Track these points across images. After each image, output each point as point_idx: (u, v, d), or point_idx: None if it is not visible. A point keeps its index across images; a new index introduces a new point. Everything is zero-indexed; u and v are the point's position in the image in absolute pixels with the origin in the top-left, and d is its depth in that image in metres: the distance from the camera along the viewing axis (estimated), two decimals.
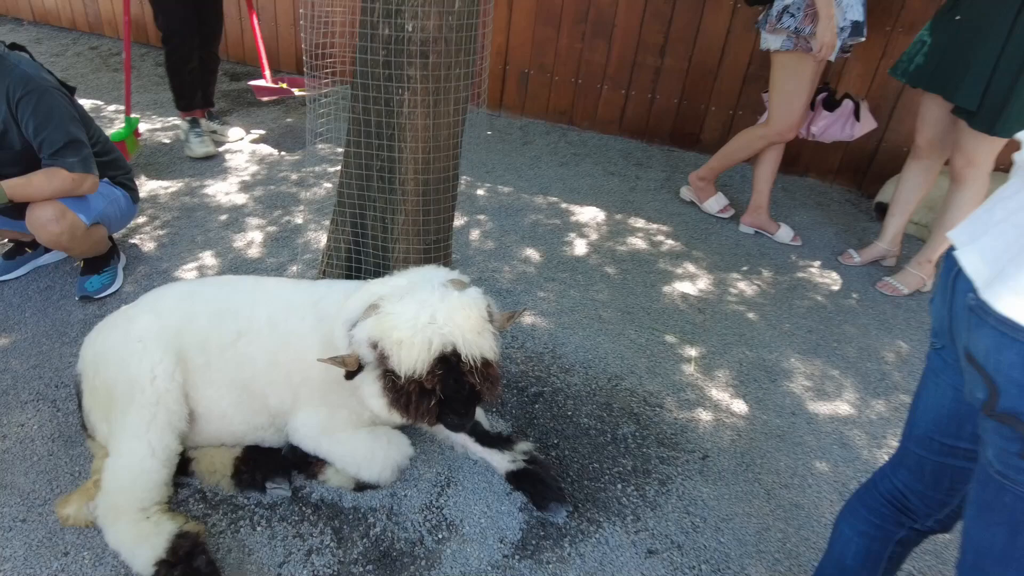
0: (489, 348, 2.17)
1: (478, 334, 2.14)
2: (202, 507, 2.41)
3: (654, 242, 4.47)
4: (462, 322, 2.12)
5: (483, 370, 2.16)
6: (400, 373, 2.08)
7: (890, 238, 4.41)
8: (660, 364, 3.33)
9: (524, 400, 3.00)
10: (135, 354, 2.39)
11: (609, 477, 2.68)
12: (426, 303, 2.14)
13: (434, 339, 2.07)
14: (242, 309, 2.53)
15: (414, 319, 2.09)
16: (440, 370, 2.08)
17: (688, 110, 6.02)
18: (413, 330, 2.07)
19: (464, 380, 2.12)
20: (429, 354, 2.06)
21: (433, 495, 2.53)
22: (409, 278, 2.26)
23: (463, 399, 2.14)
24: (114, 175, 3.47)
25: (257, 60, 5.70)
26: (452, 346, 2.09)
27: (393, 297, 2.17)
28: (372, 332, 2.12)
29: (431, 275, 2.27)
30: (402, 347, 2.06)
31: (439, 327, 2.09)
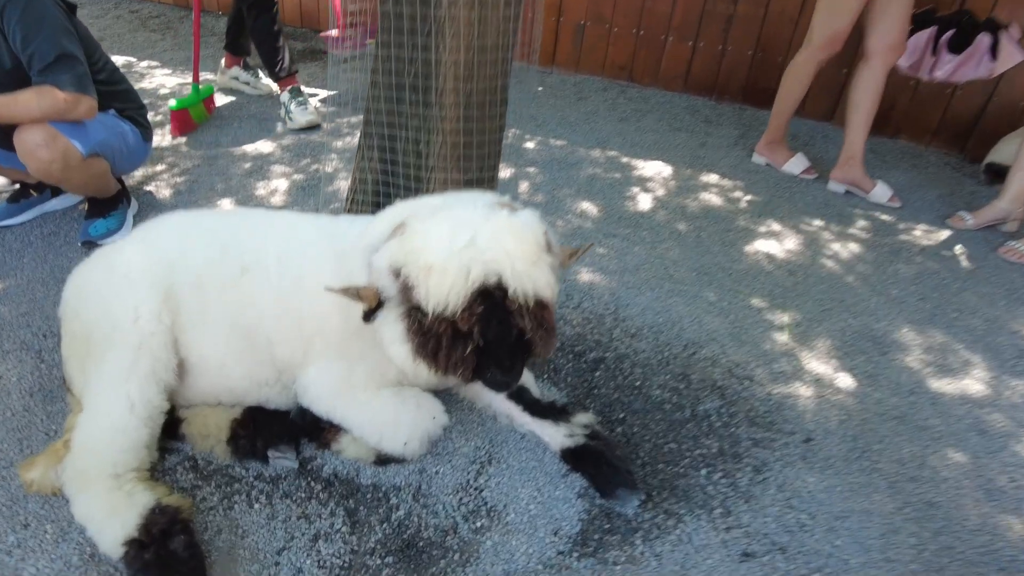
0: (545, 284, 1.67)
1: (532, 265, 1.64)
2: (191, 477, 1.99)
3: (730, 199, 3.89)
4: (511, 248, 1.63)
5: (536, 312, 1.66)
6: (428, 309, 1.60)
7: (1011, 197, 3.72)
8: (746, 331, 2.77)
9: (582, 367, 2.49)
10: (117, 290, 1.98)
11: (690, 461, 2.15)
12: (465, 221, 1.66)
13: (473, 266, 1.59)
14: (249, 243, 2.09)
15: (449, 240, 1.62)
16: (480, 307, 1.60)
17: (764, 62, 5.37)
18: (447, 253, 1.59)
19: (511, 323, 1.63)
20: (466, 285, 1.58)
21: (471, 474, 2.05)
22: (446, 198, 1.78)
23: (509, 348, 1.65)
24: (121, 107, 3.08)
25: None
26: (497, 277, 1.60)
27: (424, 215, 1.70)
28: (395, 256, 1.65)
29: (474, 196, 1.79)
30: (431, 274, 1.58)
31: (480, 251, 1.60)
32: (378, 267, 1.71)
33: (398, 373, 2.06)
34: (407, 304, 1.67)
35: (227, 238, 2.11)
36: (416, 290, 1.62)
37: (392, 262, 1.67)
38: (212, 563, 1.75)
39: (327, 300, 1.98)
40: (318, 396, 2.03)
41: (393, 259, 1.67)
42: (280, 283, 2.02)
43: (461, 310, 1.61)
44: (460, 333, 1.64)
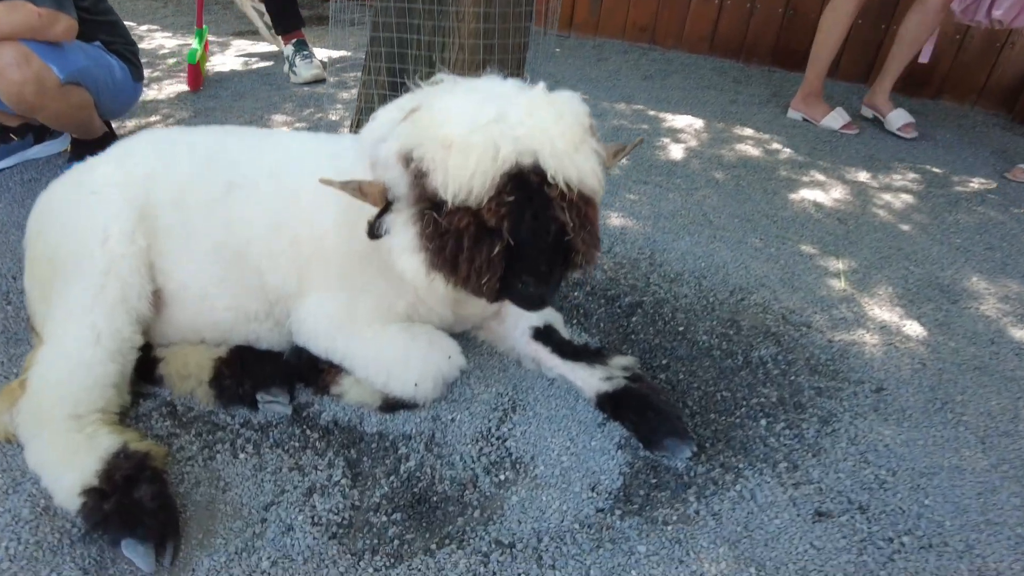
0: (591, 172, 1.38)
1: (575, 148, 1.35)
2: (168, 425, 1.71)
3: (768, 151, 3.58)
4: (551, 125, 1.34)
5: (580, 206, 1.37)
6: (446, 198, 1.31)
7: None
8: (798, 277, 2.46)
9: (615, 312, 2.20)
10: (85, 208, 1.71)
11: (746, 410, 1.85)
12: (494, 94, 1.37)
13: (503, 143, 1.30)
14: (238, 156, 1.82)
15: (474, 113, 1.33)
16: (511, 195, 1.31)
17: (796, 22, 5.04)
18: (471, 127, 1.30)
19: (549, 215, 1.33)
20: (494, 165, 1.29)
21: (492, 421, 1.76)
22: (470, 79, 1.48)
23: (546, 248, 1.36)
24: (109, 41, 2.82)
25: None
26: (532, 158, 1.32)
27: (442, 92, 1.41)
28: (407, 137, 1.37)
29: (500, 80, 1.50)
30: (451, 153, 1.30)
31: (512, 127, 1.32)
32: (385, 156, 1.42)
33: (408, 307, 1.78)
34: (420, 201, 1.38)
35: (214, 151, 1.83)
36: (432, 176, 1.33)
37: (403, 145, 1.38)
38: (187, 518, 1.48)
39: (326, 217, 1.71)
40: (315, 331, 1.75)
41: (404, 142, 1.38)
42: (273, 199, 1.74)
43: (487, 198, 1.32)
44: (485, 229, 1.34)
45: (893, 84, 4.10)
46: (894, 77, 4.02)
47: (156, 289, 1.75)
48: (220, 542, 1.43)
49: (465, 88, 1.42)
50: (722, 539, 1.50)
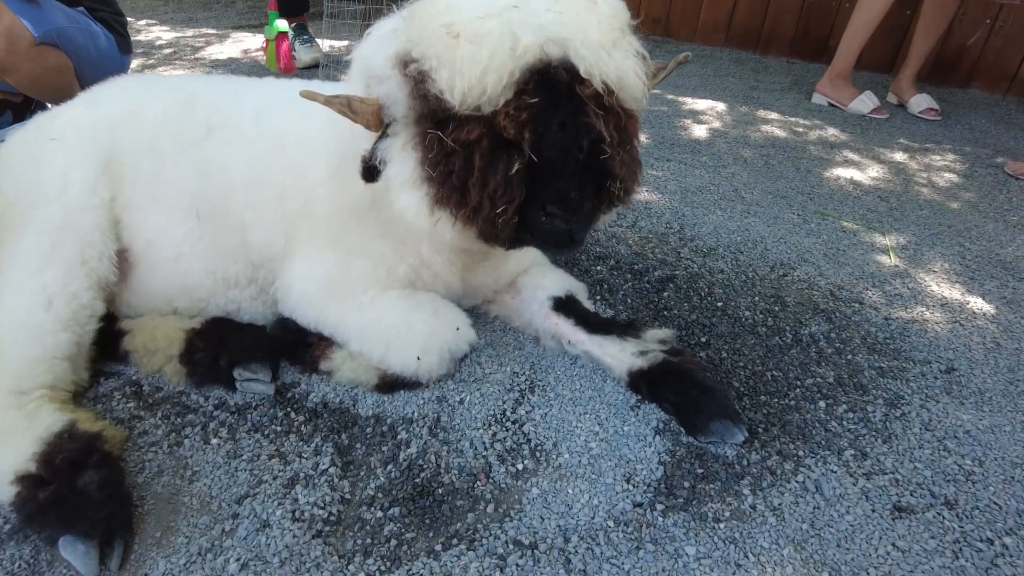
0: (633, 72, 1.14)
1: (613, 43, 1.12)
2: (131, 407, 1.47)
3: (796, 132, 3.35)
4: (582, 12, 1.11)
5: (620, 114, 1.14)
6: (453, 99, 1.07)
7: None
8: (843, 252, 2.22)
9: (644, 287, 1.95)
10: (43, 156, 1.49)
11: (801, 391, 1.60)
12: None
13: (523, 30, 1.06)
14: (219, 98, 1.60)
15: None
16: (534, 96, 1.07)
17: (815, 9, 4.84)
18: (484, 12, 1.07)
19: (582, 122, 1.09)
20: (512, 57, 1.05)
21: (507, 403, 1.51)
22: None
23: (577, 167, 1.11)
24: (92, 7, 2.62)
25: None
26: (562, 49, 1.08)
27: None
28: (405, 35, 1.14)
29: None
30: (459, 44, 1.06)
31: (534, 13, 1.08)
32: (379, 64, 1.18)
33: (410, 271, 1.54)
34: (423, 120, 1.14)
35: (193, 94, 1.61)
36: (436, 75, 1.09)
37: (400, 46, 1.15)
38: (144, 513, 1.23)
39: (316, 166, 1.48)
40: (304, 297, 1.52)
41: (403, 42, 1.14)
42: (257, 144, 1.52)
43: (503, 101, 1.08)
44: (501, 142, 1.10)
45: (918, 71, 3.91)
46: (919, 62, 3.84)
47: (122, 249, 1.52)
48: (181, 541, 1.18)
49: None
50: (786, 539, 1.24)
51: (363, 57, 1.24)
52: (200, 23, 5.30)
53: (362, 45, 1.27)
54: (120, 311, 1.58)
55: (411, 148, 1.17)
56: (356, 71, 1.28)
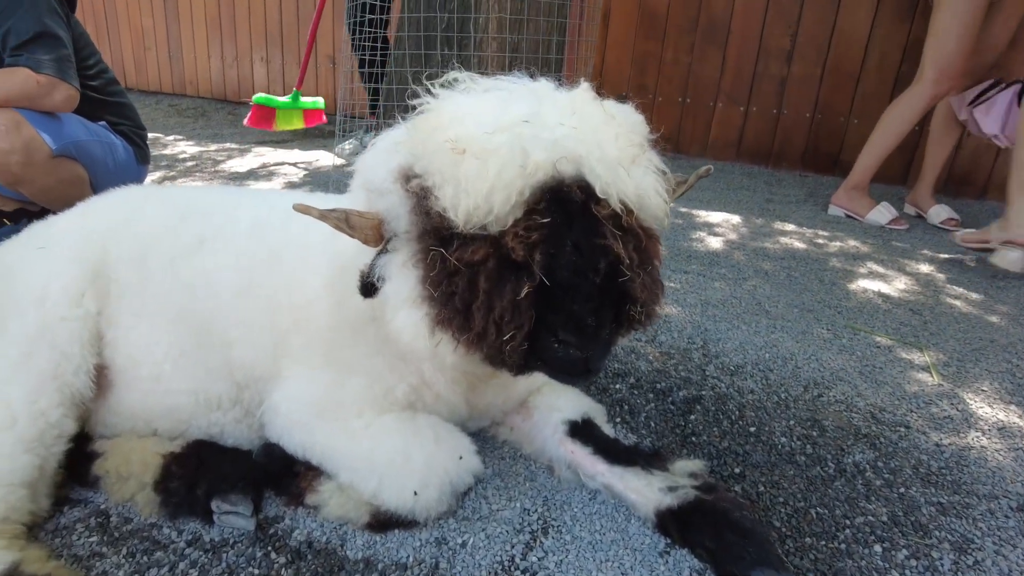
0: (654, 190, 1.07)
1: (631, 159, 1.05)
2: (93, 541, 1.31)
3: (816, 244, 3.28)
4: (599, 127, 1.04)
5: (639, 235, 1.05)
6: (458, 218, 0.99)
7: None
8: (880, 370, 2.06)
9: (668, 408, 1.80)
10: (28, 264, 1.42)
11: (852, 532, 1.40)
12: (524, 91, 1.09)
13: (534, 145, 0.99)
14: (215, 210, 1.55)
15: (495, 110, 1.04)
16: (546, 216, 0.98)
17: (824, 125, 4.95)
18: (492, 126, 1.00)
19: (598, 244, 1.00)
20: (522, 174, 0.98)
21: (517, 547, 1.32)
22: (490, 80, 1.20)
23: (593, 291, 1.01)
24: (116, 121, 2.69)
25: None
26: (576, 167, 1.00)
27: (455, 92, 1.13)
28: (408, 149, 1.07)
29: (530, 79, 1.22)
30: (464, 160, 0.99)
31: (548, 128, 1.01)
32: (381, 177, 1.12)
33: (410, 391, 1.41)
34: (425, 236, 1.06)
35: (188, 205, 1.57)
36: (439, 192, 1.01)
37: (403, 160, 1.08)
38: None
39: (312, 281, 1.39)
40: (292, 421, 1.38)
41: (405, 156, 1.08)
42: (249, 256, 1.44)
43: (512, 220, 0.99)
44: (509, 264, 1.01)
45: (935, 182, 3.92)
46: (935, 173, 3.86)
47: (102, 365, 1.41)
48: None
49: (485, 86, 1.14)
50: None
51: (365, 169, 1.18)
52: (224, 138, 5.51)
53: (365, 156, 1.21)
54: (96, 431, 1.45)
55: (412, 265, 1.07)
56: (358, 183, 1.22)
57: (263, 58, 7.08)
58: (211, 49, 7.29)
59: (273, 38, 6.93)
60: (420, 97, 1.12)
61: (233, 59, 7.20)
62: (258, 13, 6.91)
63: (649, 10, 5.26)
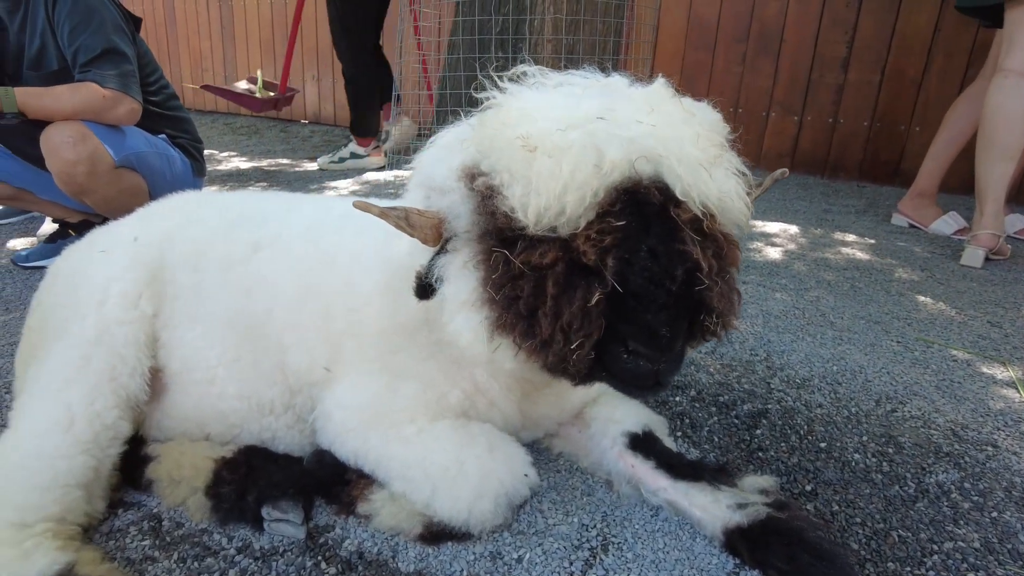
0: (737, 195, 1.00)
1: (712, 161, 0.99)
2: (146, 545, 1.29)
3: (880, 254, 3.13)
4: (678, 126, 0.99)
5: (720, 241, 0.99)
6: (527, 218, 0.94)
7: None
8: (959, 385, 1.93)
9: (732, 422, 1.71)
10: (89, 266, 1.44)
11: (941, 559, 1.29)
12: (598, 87, 1.04)
13: (610, 144, 0.94)
14: (272, 215, 1.54)
15: (567, 107, 0.99)
16: (622, 218, 0.93)
17: (883, 133, 4.77)
18: (566, 123, 0.96)
19: (677, 250, 0.94)
20: (597, 174, 0.93)
21: (576, 564, 1.26)
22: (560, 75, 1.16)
23: (669, 300, 0.95)
24: (175, 135, 2.75)
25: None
26: (654, 167, 0.95)
27: (523, 88, 1.09)
28: (473, 147, 1.03)
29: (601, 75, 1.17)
30: (536, 159, 0.94)
31: (624, 126, 0.96)
32: (443, 177, 1.08)
33: (463, 398, 1.37)
34: (487, 236, 1.02)
35: (245, 211, 1.57)
36: (507, 191, 0.96)
37: (467, 158, 1.04)
38: None
39: (366, 284, 1.36)
40: (344, 427, 1.35)
41: (470, 152, 1.04)
42: (304, 261, 1.42)
43: (585, 223, 0.94)
44: (580, 268, 0.95)
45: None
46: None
47: (157, 368, 1.41)
48: None
49: (555, 81, 1.10)
50: None
51: (424, 167, 1.15)
52: (277, 154, 5.63)
53: (424, 154, 1.18)
54: (150, 434, 1.45)
55: (472, 267, 1.03)
56: (416, 181, 1.19)
57: (314, 77, 7.26)
58: (264, 70, 7.51)
59: (324, 57, 7.10)
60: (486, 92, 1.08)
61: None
62: (310, 35, 7.09)
63: (699, 21, 5.18)
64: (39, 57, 2.38)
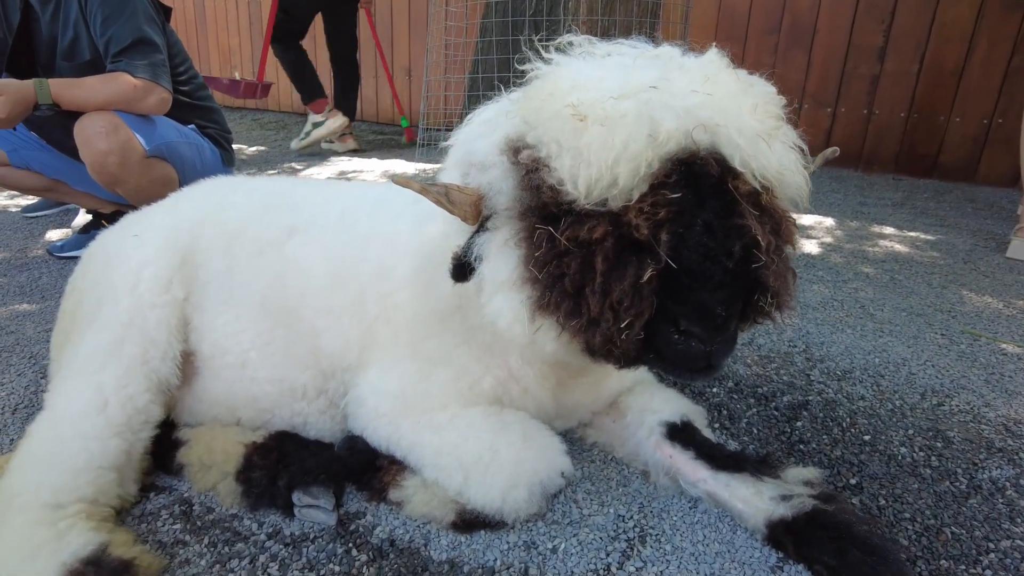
0: (796, 169, 0.96)
1: (770, 134, 0.95)
2: (177, 529, 1.28)
3: (919, 246, 3.04)
4: (736, 96, 0.94)
5: (778, 216, 0.95)
6: (577, 191, 0.91)
7: None
8: (1010, 379, 1.85)
9: (772, 414, 1.66)
10: (123, 251, 1.44)
11: (998, 558, 1.23)
12: (646, 58, 1.01)
13: (664, 113, 0.90)
14: (305, 201, 1.53)
15: (619, 76, 0.96)
16: (677, 191, 0.89)
17: (920, 125, 4.63)
18: (618, 92, 0.92)
19: (734, 224, 0.90)
20: (652, 144, 0.89)
21: (613, 556, 1.22)
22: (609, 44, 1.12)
23: (725, 278, 0.90)
24: (204, 125, 2.76)
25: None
26: (711, 138, 0.91)
27: (571, 58, 1.06)
28: (521, 116, 1.00)
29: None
30: (587, 127, 0.91)
31: (678, 96, 0.92)
32: (483, 151, 1.05)
33: (497, 384, 1.34)
34: (530, 213, 0.98)
35: (277, 196, 1.56)
36: (555, 162, 0.93)
37: (512, 130, 1.01)
38: None
39: (400, 267, 1.34)
40: (376, 413, 1.33)
41: (515, 124, 1.01)
42: (339, 245, 1.41)
43: (638, 195, 0.90)
44: (630, 244, 0.92)
45: None
46: None
47: (188, 352, 1.41)
48: None
49: (605, 51, 1.06)
50: None
51: (463, 143, 1.12)
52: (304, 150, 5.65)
53: (462, 130, 1.15)
54: (181, 419, 1.45)
55: (514, 244, 1.00)
56: (454, 158, 1.16)
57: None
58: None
59: None
60: (531, 63, 1.05)
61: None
62: None
63: (729, 12, 5.09)
64: (72, 48, 2.40)
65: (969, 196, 4.12)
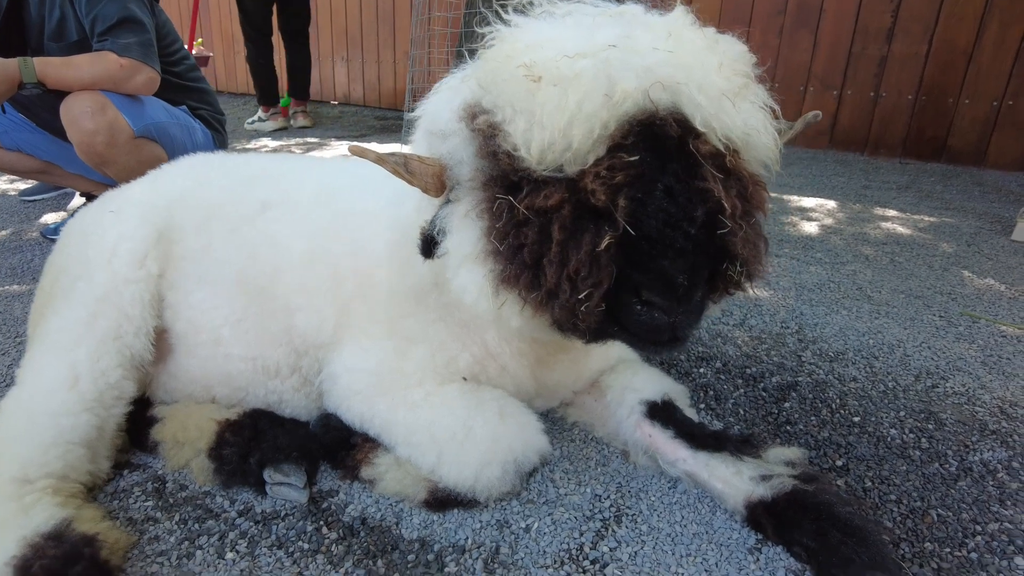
0: (764, 128, 0.92)
1: (736, 93, 0.91)
2: (148, 506, 1.27)
3: (922, 229, 2.98)
4: (700, 53, 0.91)
5: (744, 179, 0.91)
6: (530, 155, 0.87)
7: None
8: (1008, 361, 1.81)
9: (759, 395, 1.62)
10: (100, 226, 1.42)
11: (984, 540, 1.19)
12: (609, 17, 0.97)
13: (622, 72, 0.86)
14: (282, 176, 1.50)
15: (577, 35, 0.92)
16: (634, 153, 0.86)
17: (929, 108, 4.54)
18: (575, 50, 0.88)
19: (696, 188, 0.86)
20: (607, 104, 0.85)
21: (587, 535, 1.20)
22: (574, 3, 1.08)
23: (687, 244, 0.87)
24: (196, 106, 2.73)
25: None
26: (671, 97, 0.87)
27: (530, 20, 1.02)
28: (477, 81, 0.96)
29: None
30: (541, 88, 0.87)
31: (639, 54, 0.89)
32: (444, 119, 1.02)
33: (473, 362, 1.31)
34: (491, 184, 0.95)
35: (255, 172, 1.53)
36: (509, 126, 0.89)
37: (469, 95, 0.97)
38: None
39: (376, 245, 1.31)
40: (351, 390, 1.31)
41: (471, 89, 0.97)
42: (313, 221, 1.38)
43: (594, 159, 0.87)
44: (588, 210, 0.88)
45: None
46: None
47: (163, 329, 1.39)
48: None
49: (565, 10, 1.02)
50: None
51: (428, 112, 1.09)
52: (303, 134, 5.64)
53: (430, 99, 1.12)
54: (156, 396, 1.43)
55: (475, 216, 0.97)
56: (421, 129, 1.13)
57: (344, 58, 7.24)
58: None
59: (353, 39, 7.07)
60: (491, 26, 1.01)
61: (316, 60, 7.38)
62: (339, 16, 7.07)
63: None
64: (60, 28, 2.38)
65: (977, 180, 4.04)
